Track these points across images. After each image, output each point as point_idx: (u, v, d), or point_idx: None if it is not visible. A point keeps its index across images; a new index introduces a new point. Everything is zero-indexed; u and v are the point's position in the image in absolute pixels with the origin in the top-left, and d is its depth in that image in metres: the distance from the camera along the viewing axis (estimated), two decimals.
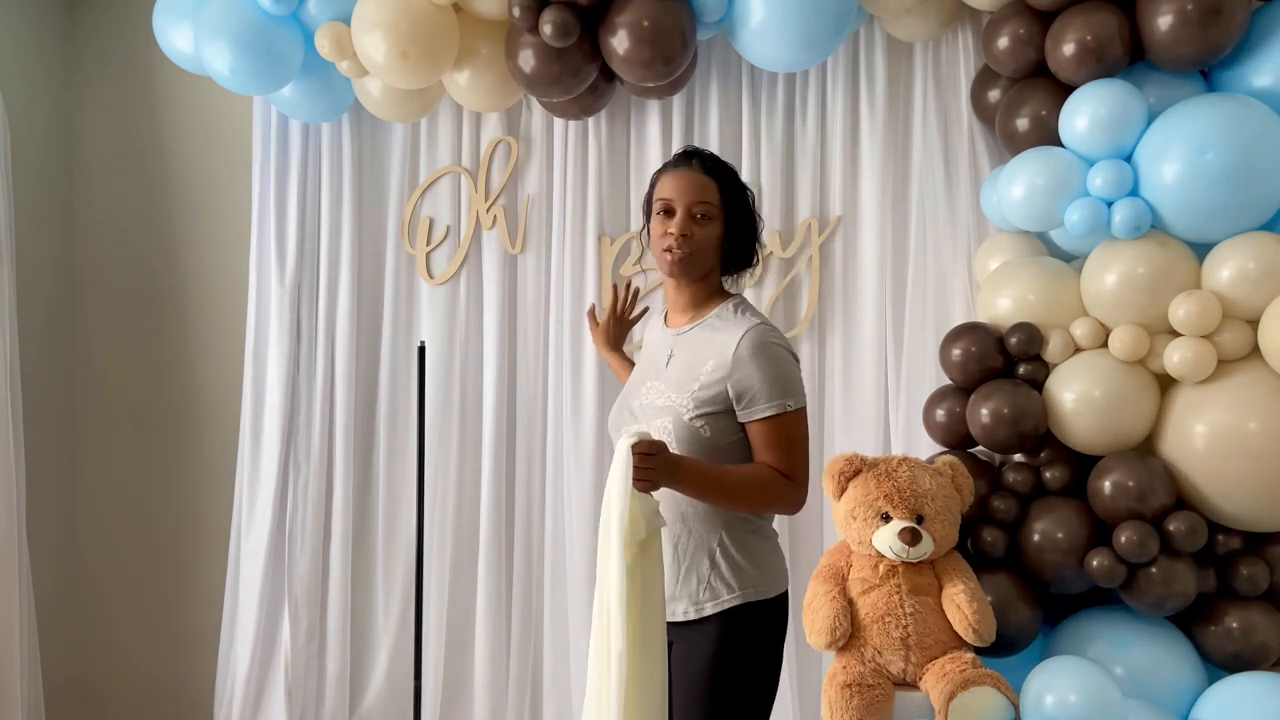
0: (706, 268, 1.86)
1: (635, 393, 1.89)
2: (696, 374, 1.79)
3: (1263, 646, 2.07)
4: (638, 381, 1.92)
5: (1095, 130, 2.11)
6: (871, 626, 1.95)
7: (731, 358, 1.75)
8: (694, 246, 1.81)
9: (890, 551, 1.96)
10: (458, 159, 2.89)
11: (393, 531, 2.93)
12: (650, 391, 1.85)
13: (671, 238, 1.81)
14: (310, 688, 2.93)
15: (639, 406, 1.86)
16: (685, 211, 1.81)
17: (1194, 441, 2.07)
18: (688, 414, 1.76)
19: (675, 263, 1.82)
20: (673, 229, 1.81)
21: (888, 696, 1.90)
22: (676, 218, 1.81)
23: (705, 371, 1.78)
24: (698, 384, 1.78)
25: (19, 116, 2.91)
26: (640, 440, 1.61)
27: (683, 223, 1.81)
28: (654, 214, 1.86)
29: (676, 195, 1.83)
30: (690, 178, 1.84)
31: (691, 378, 1.79)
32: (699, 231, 1.82)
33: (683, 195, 1.82)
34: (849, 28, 2.47)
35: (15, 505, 2.72)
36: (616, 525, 1.59)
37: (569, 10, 2.33)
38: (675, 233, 1.81)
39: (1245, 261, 2.02)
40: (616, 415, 1.92)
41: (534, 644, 2.88)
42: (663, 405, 1.81)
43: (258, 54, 2.51)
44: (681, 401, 1.78)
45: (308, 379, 2.92)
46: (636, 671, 1.60)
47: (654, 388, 1.84)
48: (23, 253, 2.89)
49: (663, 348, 1.90)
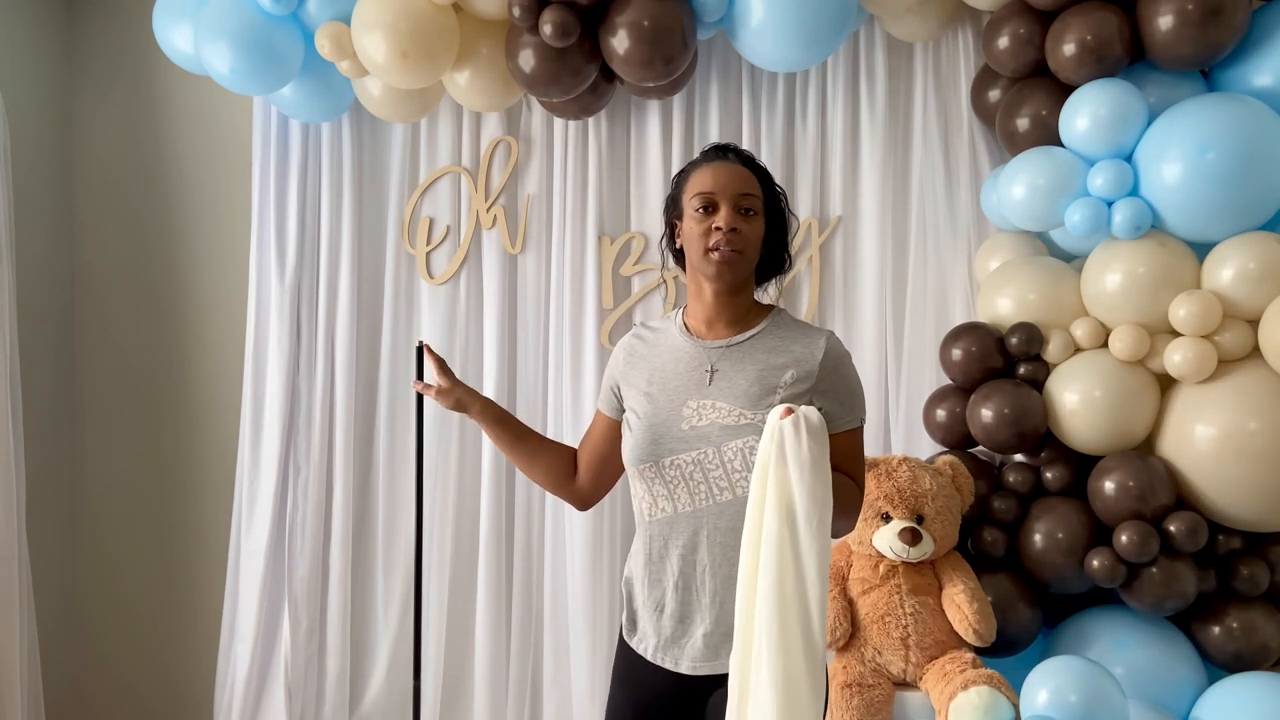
0: (750, 268, 1.69)
1: (675, 415, 1.66)
2: (772, 386, 1.62)
3: (1263, 646, 2.07)
4: (670, 404, 1.68)
5: (1095, 130, 2.11)
6: (871, 626, 1.95)
7: (819, 367, 1.63)
8: (743, 243, 1.64)
9: (890, 551, 1.96)
10: (458, 159, 2.89)
11: (393, 531, 2.93)
12: (705, 411, 1.64)
13: (719, 234, 1.62)
14: (310, 688, 2.93)
15: (691, 430, 1.64)
16: (731, 204, 1.63)
17: (1194, 441, 2.07)
18: None
19: (724, 261, 1.63)
20: (719, 223, 1.62)
21: (888, 696, 1.90)
22: (722, 212, 1.63)
23: (784, 383, 1.62)
24: (777, 396, 1.62)
25: (19, 116, 2.91)
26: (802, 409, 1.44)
27: (730, 216, 1.63)
28: (690, 212, 1.67)
29: (719, 188, 1.64)
30: (732, 169, 1.67)
31: (766, 390, 1.62)
32: (746, 227, 1.65)
33: (726, 187, 1.64)
34: (849, 28, 2.47)
35: (15, 505, 2.72)
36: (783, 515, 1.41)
37: (569, 10, 2.33)
38: (724, 227, 1.62)
39: (1245, 261, 2.02)
40: (652, 446, 1.67)
41: (534, 644, 2.87)
42: (734, 424, 1.61)
43: (258, 54, 2.51)
44: (763, 418, 1.57)
45: (308, 379, 2.92)
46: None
47: (708, 406, 1.64)
48: (23, 253, 2.89)
49: (694, 363, 1.69)
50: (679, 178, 1.74)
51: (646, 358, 1.74)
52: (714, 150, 1.72)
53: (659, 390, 1.69)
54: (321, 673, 2.94)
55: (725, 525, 1.63)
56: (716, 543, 1.64)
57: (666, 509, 1.68)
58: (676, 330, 1.74)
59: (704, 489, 1.64)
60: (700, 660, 1.65)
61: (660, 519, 1.68)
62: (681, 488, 1.66)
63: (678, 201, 1.72)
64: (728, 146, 1.72)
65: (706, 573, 1.65)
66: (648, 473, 1.67)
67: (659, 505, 1.68)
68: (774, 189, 1.72)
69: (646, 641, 1.72)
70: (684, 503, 1.66)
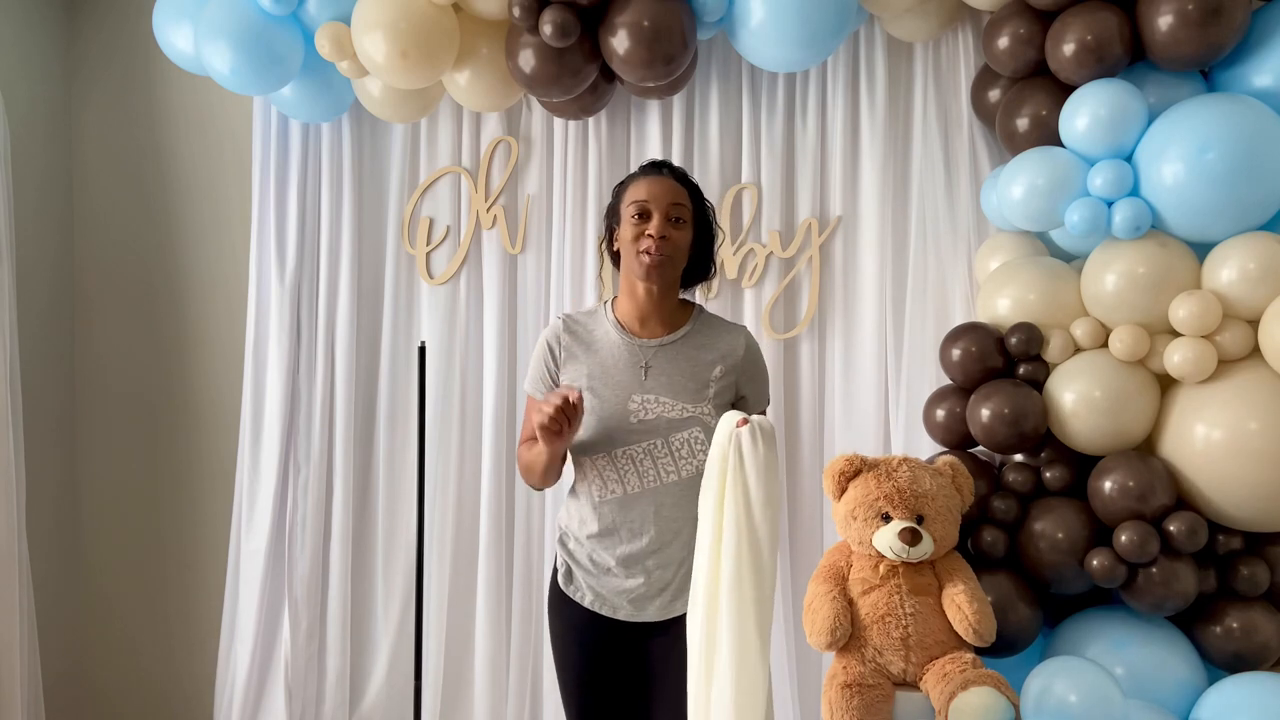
0: (678, 272, 1.92)
1: (623, 410, 1.88)
2: (705, 380, 1.87)
3: (1263, 646, 2.07)
4: (615, 399, 1.88)
5: (1095, 130, 2.11)
6: (872, 627, 1.95)
7: (742, 358, 1.92)
8: (672, 249, 1.86)
9: (890, 552, 1.96)
10: (458, 159, 2.89)
11: (393, 531, 2.93)
12: (649, 405, 1.87)
13: (650, 240, 1.84)
14: (310, 688, 2.93)
15: (640, 423, 1.87)
16: (663, 214, 1.86)
17: (1194, 442, 2.07)
18: (713, 419, 1.82)
19: (654, 265, 1.85)
20: (651, 230, 1.85)
21: (888, 697, 1.90)
22: (654, 220, 1.86)
23: (714, 377, 1.87)
24: (711, 389, 1.87)
25: (19, 116, 2.91)
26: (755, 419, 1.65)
27: (661, 224, 1.85)
28: (626, 219, 1.89)
29: (653, 198, 1.87)
30: (665, 183, 1.90)
31: (701, 384, 1.87)
32: (675, 234, 1.87)
33: (660, 199, 1.87)
34: (849, 27, 2.47)
35: (15, 505, 2.72)
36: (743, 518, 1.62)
37: (569, 10, 2.33)
38: (655, 234, 1.84)
39: (1245, 261, 2.02)
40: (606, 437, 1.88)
41: (534, 644, 2.87)
42: (679, 417, 1.86)
43: (258, 54, 2.51)
44: (702, 409, 1.86)
45: (308, 379, 2.92)
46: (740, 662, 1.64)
47: (651, 401, 1.87)
48: (23, 253, 2.89)
49: (632, 359, 1.90)
50: (618, 189, 1.97)
51: (583, 351, 1.94)
52: (651, 165, 1.97)
53: (602, 385, 1.90)
54: (321, 673, 2.94)
55: (670, 502, 1.88)
56: (663, 516, 1.89)
57: (616, 491, 1.91)
58: (610, 325, 1.95)
59: (653, 473, 1.88)
60: (634, 610, 1.92)
61: (610, 500, 1.91)
62: (631, 473, 1.89)
63: (616, 210, 1.94)
64: (663, 163, 1.97)
65: (652, 541, 1.89)
66: (600, 461, 1.90)
67: (609, 488, 1.91)
68: (704, 203, 1.97)
69: (583, 593, 1.95)
70: (633, 485, 1.89)
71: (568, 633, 2.00)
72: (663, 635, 1.91)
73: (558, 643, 2.03)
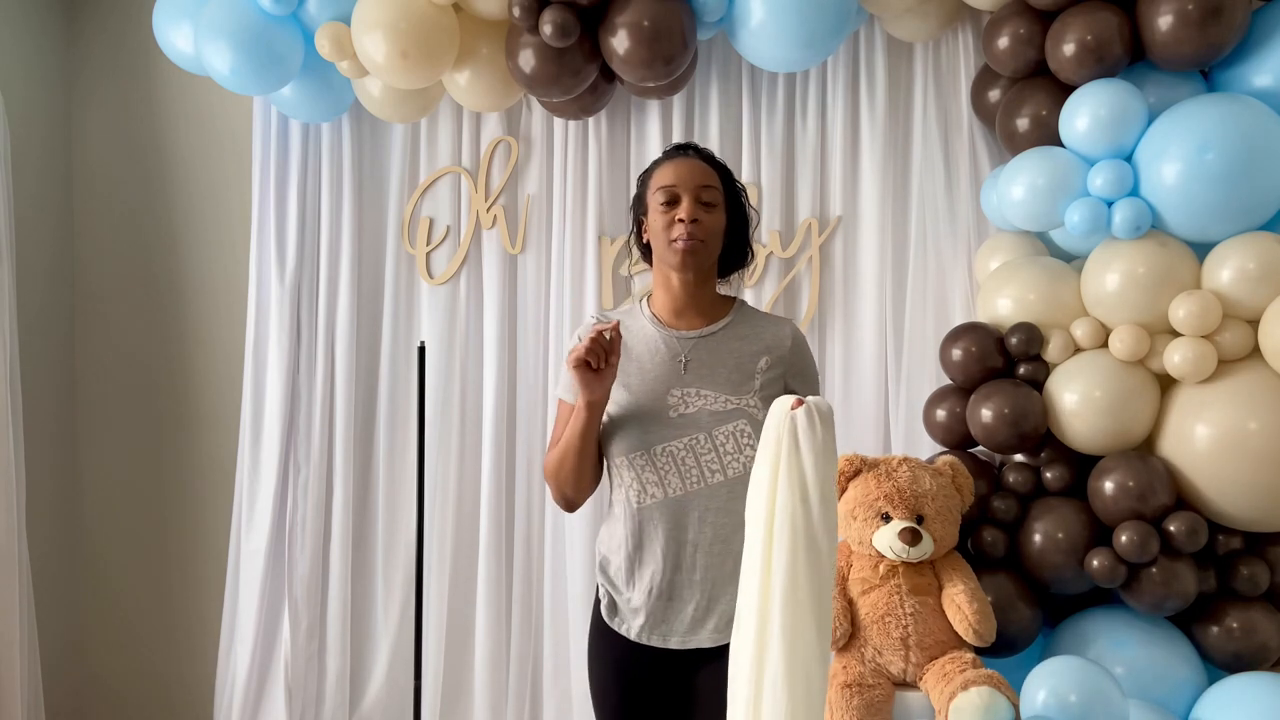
0: (713, 259, 1.77)
1: (660, 404, 1.73)
2: (750, 372, 1.74)
3: (1263, 646, 2.07)
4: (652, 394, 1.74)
5: (1095, 130, 2.11)
6: (871, 627, 1.95)
7: (790, 350, 1.78)
8: (704, 233, 1.72)
9: (890, 551, 1.96)
10: (458, 159, 2.89)
11: (393, 531, 2.93)
12: (690, 399, 1.73)
13: (681, 225, 1.70)
14: (310, 688, 2.93)
15: (680, 417, 1.72)
16: (693, 196, 1.72)
17: (1194, 441, 2.07)
18: (760, 412, 1.70)
19: (687, 251, 1.71)
20: (682, 215, 1.71)
21: (888, 696, 1.90)
22: (684, 204, 1.71)
23: (760, 369, 1.73)
24: (757, 381, 1.73)
25: (19, 116, 2.91)
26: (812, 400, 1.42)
27: (691, 208, 1.71)
28: (654, 206, 1.75)
29: (681, 181, 1.73)
30: (692, 164, 1.76)
31: (745, 376, 1.73)
32: (707, 218, 1.73)
33: (688, 181, 1.73)
34: (849, 27, 2.47)
35: (15, 505, 2.72)
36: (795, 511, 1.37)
37: (569, 10, 2.33)
38: (685, 218, 1.70)
39: (1245, 261, 2.02)
40: (642, 434, 1.73)
41: (534, 644, 2.87)
42: (723, 409, 1.71)
43: (258, 54, 2.51)
44: (747, 402, 1.72)
45: (308, 379, 2.92)
46: None
47: (692, 394, 1.73)
48: (23, 253, 2.89)
49: (670, 352, 1.77)
50: (644, 176, 1.83)
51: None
52: (675, 149, 1.83)
53: (637, 380, 1.77)
54: (321, 673, 2.94)
55: (716, 505, 1.72)
56: (707, 522, 1.73)
57: (656, 494, 1.75)
58: (646, 320, 1.81)
59: (695, 472, 1.72)
60: (688, 634, 1.75)
61: (649, 505, 1.75)
62: (673, 473, 1.73)
63: (643, 199, 1.81)
64: (689, 145, 1.82)
65: (697, 552, 1.73)
66: (638, 460, 1.75)
67: (648, 492, 1.75)
68: (734, 184, 1.81)
69: (629, 623, 1.79)
70: (674, 487, 1.73)
71: (608, 668, 1.83)
72: (715, 663, 1.70)
73: (596, 679, 1.86)
